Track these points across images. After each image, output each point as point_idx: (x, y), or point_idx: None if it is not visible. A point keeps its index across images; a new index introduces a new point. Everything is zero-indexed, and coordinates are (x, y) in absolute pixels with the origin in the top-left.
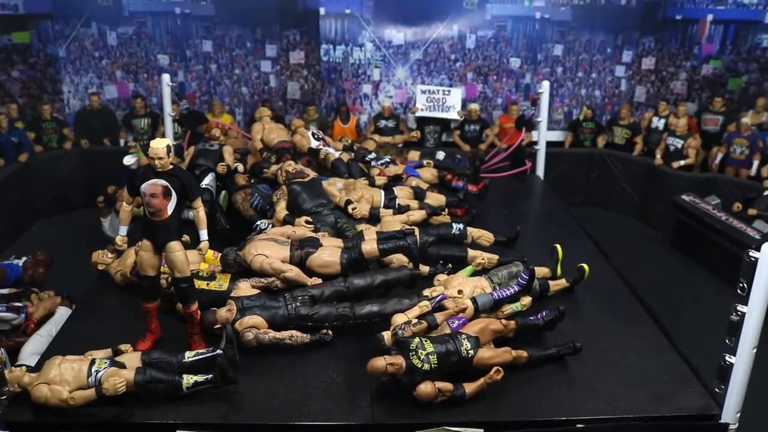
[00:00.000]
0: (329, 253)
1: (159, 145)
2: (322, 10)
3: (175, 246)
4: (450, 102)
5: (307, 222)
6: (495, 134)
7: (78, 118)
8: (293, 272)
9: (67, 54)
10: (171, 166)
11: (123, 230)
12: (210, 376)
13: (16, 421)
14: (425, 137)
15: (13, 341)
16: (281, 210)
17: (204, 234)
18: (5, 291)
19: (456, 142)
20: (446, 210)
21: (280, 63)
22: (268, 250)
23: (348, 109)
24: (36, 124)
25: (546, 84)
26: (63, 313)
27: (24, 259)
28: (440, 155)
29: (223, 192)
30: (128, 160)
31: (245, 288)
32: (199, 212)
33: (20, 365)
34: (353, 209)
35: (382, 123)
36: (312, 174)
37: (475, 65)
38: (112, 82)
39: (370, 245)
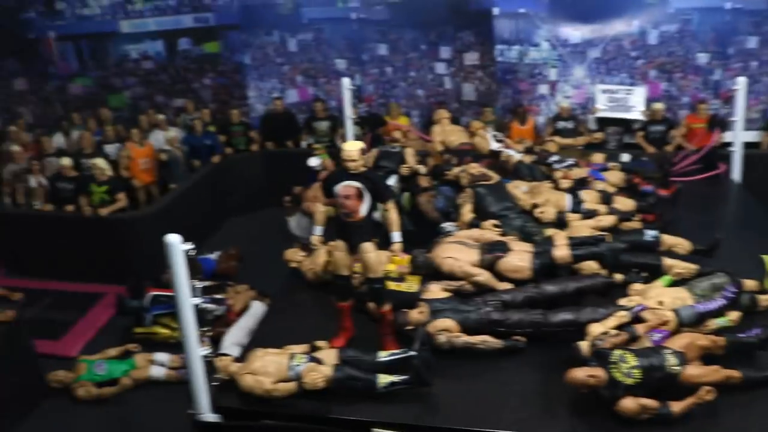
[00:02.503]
0: (519, 257)
1: (352, 148)
2: (495, 10)
3: (368, 247)
4: (632, 101)
5: (494, 225)
6: (682, 135)
7: (263, 122)
8: (483, 276)
9: (251, 61)
10: (363, 169)
11: (318, 230)
12: (405, 377)
13: (226, 406)
14: (607, 139)
15: (215, 331)
16: (467, 213)
17: (396, 235)
18: (205, 283)
19: (640, 143)
20: (637, 215)
21: (454, 65)
22: (458, 253)
23: (525, 110)
24: (225, 128)
25: (742, 80)
26: (257, 307)
27: (217, 253)
28: (625, 157)
29: (405, 193)
30: (313, 162)
31: (436, 291)
32: (391, 213)
33: (223, 354)
34: (540, 213)
35: (561, 124)
36: (496, 177)
37: (659, 62)
38: (293, 86)
39: (562, 251)
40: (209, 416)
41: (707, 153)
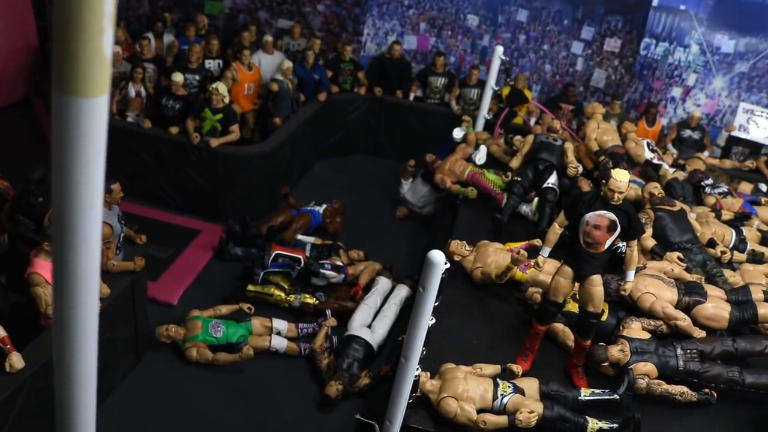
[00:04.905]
0: (716, 305)
1: (623, 179)
2: (655, 1)
3: (597, 280)
4: None
5: (678, 258)
6: None
7: (373, 64)
8: (686, 323)
9: None
10: (621, 201)
11: (546, 251)
12: (615, 425)
13: (416, 427)
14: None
15: (338, 305)
16: (647, 237)
17: (631, 275)
18: (311, 239)
19: (762, 169)
20: None
21: (592, 47)
22: (657, 289)
23: (657, 111)
24: (335, 64)
25: None
26: (385, 284)
27: (324, 206)
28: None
29: None
30: (457, 134)
31: (637, 329)
32: (634, 252)
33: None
34: (723, 254)
35: (687, 133)
36: (678, 204)
37: None
38: (414, 33)
39: (766, 309)
40: None
41: None
